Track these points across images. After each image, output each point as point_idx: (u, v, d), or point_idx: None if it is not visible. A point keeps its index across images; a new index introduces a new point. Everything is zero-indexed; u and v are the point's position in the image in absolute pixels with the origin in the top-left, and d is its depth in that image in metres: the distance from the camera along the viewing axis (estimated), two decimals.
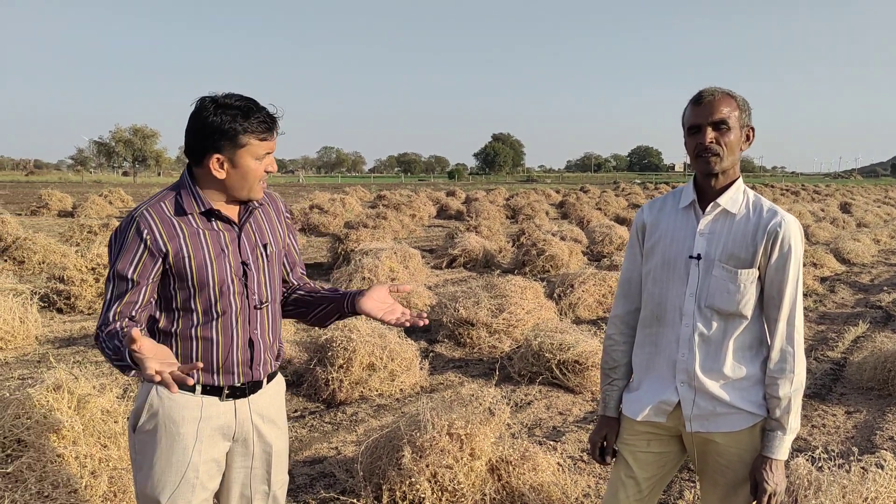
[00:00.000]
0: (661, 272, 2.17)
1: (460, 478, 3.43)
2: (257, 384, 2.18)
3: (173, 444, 2.04)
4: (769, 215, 2.06)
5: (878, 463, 3.28)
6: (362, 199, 31.43)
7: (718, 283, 2.07)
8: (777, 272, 2.04)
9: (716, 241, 2.09)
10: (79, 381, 3.60)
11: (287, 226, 2.32)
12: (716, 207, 2.10)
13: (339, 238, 12.74)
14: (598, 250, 13.92)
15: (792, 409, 2.04)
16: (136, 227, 1.96)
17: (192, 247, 2.01)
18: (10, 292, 6.85)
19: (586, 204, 27.33)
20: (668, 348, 2.15)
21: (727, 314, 2.08)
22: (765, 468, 2.04)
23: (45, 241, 11.15)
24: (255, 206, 2.16)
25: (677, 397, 2.13)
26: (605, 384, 2.36)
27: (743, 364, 2.09)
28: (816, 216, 23.05)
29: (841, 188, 58.76)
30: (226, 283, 2.05)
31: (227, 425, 2.13)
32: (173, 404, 2.05)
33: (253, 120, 1.99)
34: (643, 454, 2.23)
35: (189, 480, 2.06)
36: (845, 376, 6.23)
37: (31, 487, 3.04)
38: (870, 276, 12.24)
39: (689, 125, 2.08)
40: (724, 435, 2.11)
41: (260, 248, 2.15)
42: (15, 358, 6.18)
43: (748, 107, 2.10)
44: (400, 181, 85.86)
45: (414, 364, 5.72)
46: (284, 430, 2.31)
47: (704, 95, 2.05)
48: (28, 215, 21.94)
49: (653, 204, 2.29)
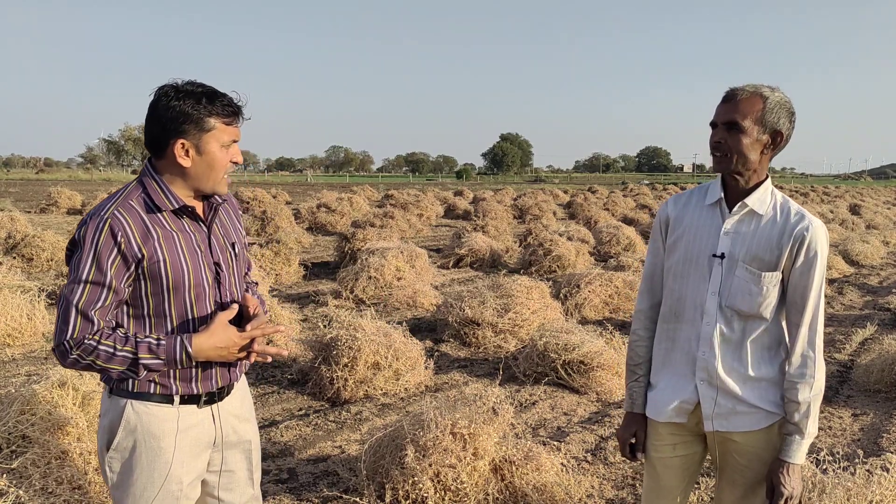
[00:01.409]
0: (683, 268, 2.16)
1: (463, 477, 3.43)
2: (230, 385, 2.14)
3: (155, 459, 1.96)
4: (797, 219, 2.04)
5: (883, 466, 3.26)
6: (370, 198, 31.45)
7: (741, 283, 2.06)
8: (801, 277, 2.03)
9: (741, 241, 2.07)
10: (83, 378, 3.62)
11: (241, 223, 2.28)
12: (743, 207, 2.08)
13: (346, 237, 12.75)
14: (605, 251, 13.88)
15: (811, 414, 2.04)
16: (110, 230, 1.83)
17: (167, 250, 1.92)
18: (17, 289, 6.89)
19: (594, 204, 27.25)
20: (687, 345, 2.16)
21: (747, 315, 2.07)
22: (782, 472, 2.04)
23: (53, 238, 11.20)
24: (219, 202, 2.10)
25: (697, 396, 2.13)
26: (630, 381, 2.36)
27: (762, 364, 2.10)
28: (826, 218, 22.94)
29: (850, 189, 58.40)
30: (201, 285, 1.98)
31: (207, 432, 2.07)
32: (152, 418, 1.96)
33: (218, 104, 1.93)
34: (671, 459, 2.25)
35: (173, 493, 2.00)
36: (852, 378, 6.19)
37: (35, 483, 3.06)
38: (878, 278, 12.17)
39: (711, 121, 2.08)
40: (744, 434, 2.11)
41: (229, 247, 2.11)
42: (22, 354, 6.21)
43: (783, 109, 2.03)
44: (408, 181, 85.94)
45: (419, 363, 5.72)
46: (255, 422, 2.29)
47: (731, 93, 2.03)
48: (38, 213, 22.06)
49: (678, 198, 2.26)
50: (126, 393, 1.95)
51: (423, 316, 8.18)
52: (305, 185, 58.65)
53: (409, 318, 7.95)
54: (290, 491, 3.80)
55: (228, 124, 1.97)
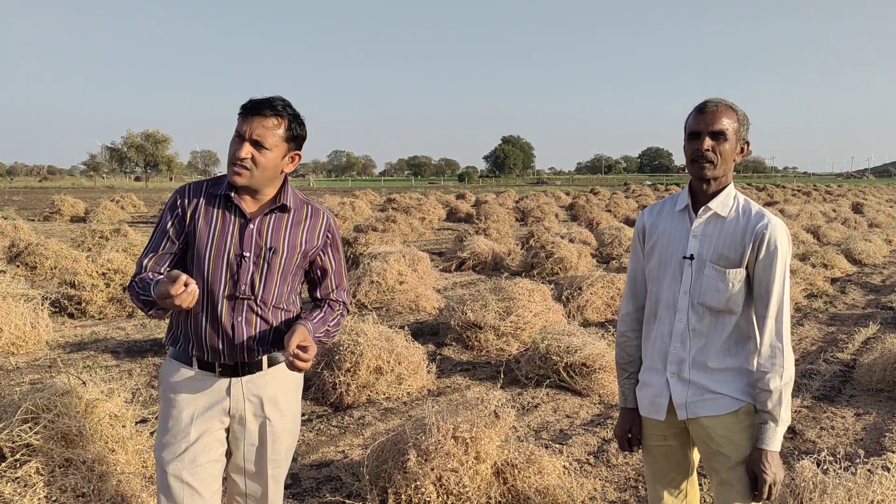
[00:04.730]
0: (658, 271, 2.32)
1: (465, 481, 3.44)
2: (253, 365, 2.27)
3: (170, 409, 2.25)
4: (756, 218, 2.18)
5: (884, 465, 3.26)
6: (372, 202, 31.47)
7: (709, 281, 2.20)
8: (764, 271, 2.15)
9: (707, 242, 2.22)
10: (87, 387, 3.63)
11: (326, 242, 2.38)
12: (707, 211, 2.23)
13: (349, 241, 12.78)
14: (607, 252, 13.88)
15: (784, 402, 2.15)
16: (176, 196, 2.26)
17: (203, 221, 2.21)
18: (21, 297, 6.91)
19: (596, 206, 27.25)
20: (660, 341, 2.31)
21: (717, 310, 2.21)
22: (762, 460, 2.14)
23: (56, 246, 11.24)
24: (276, 207, 2.25)
25: (668, 389, 2.27)
26: (621, 378, 2.50)
27: (729, 356, 2.23)
28: (828, 217, 22.91)
29: (853, 188, 58.30)
30: (219, 265, 2.19)
31: (221, 400, 2.26)
32: (174, 374, 2.27)
33: (248, 100, 2.17)
34: (663, 447, 2.38)
35: (179, 445, 2.20)
36: (855, 378, 6.18)
37: (39, 492, 3.07)
38: (881, 277, 12.15)
39: (689, 131, 2.21)
40: (711, 419, 2.23)
41: (266, 248, 2.22)
42: (26, 363, 6.23)
43: (747, 122, 2.23)
44: (410, 184, 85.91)
45: (421, 367, 5.73)
46: (289, 414, 2.38)
47: (708, 105, 2.18)
48: (41, 221, 22.14)
49: (653, 208, 2.45)
50: (170, 353, 2.34)
51: (425, 320, 8.19)
52: (308, 189, 58.70)
53: (411, 322, 7.96)
54: (293, 496, 3.81)
55: (240, 115, 2.16)
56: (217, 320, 2.21)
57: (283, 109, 2.16)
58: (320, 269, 2.41)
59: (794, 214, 22.43)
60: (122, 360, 6.37)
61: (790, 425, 4.83)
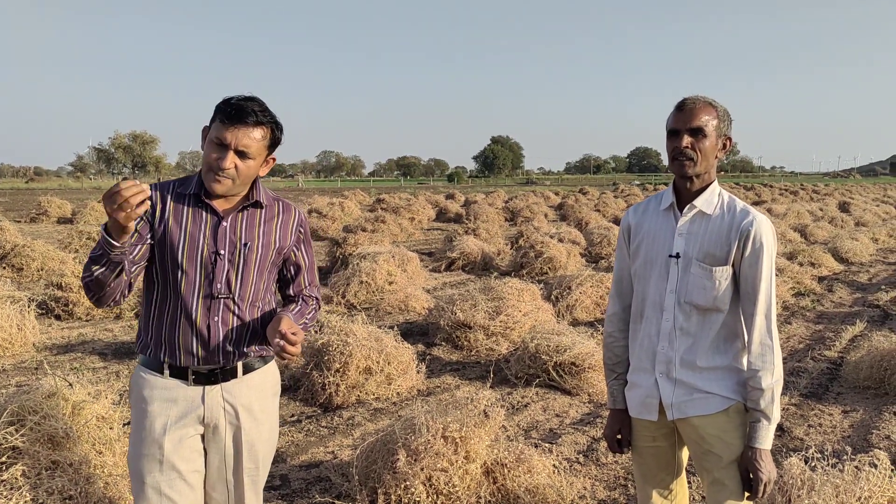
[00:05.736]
0: (644, 270, 2.31)
1: (455, 481, 3.44)
2: (228, 372, 2.24)
3: (142, 419, 2.19)
4: (742, 215, 2.17)
5: (871, 462, 3.28)
6: (361, 202, 31.40)
7: (695, 280, 2.19)
8: (751, 268, 2.15)
9: (693, 240, 2.21)
10: (74, 388, 3.61)
11: (298, 237, 2.37)
12: (692, 209, 2.22)
13: (338, 242, 12.76)
14: (596, 252, 13.91)
15: (775, 399, 2.15)
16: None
17: (173, 220, 2.14)
18: (7, 299, 6.85)
19: (585, 206, 27.29)
20: (648, 341, 2.30)
21: (704, 309, 2.20)
22: (755, 459, 2.14)
23: (43, 248, 11.15)
24: (249, 204, 2.22)
25: (658, 389, 2.26)
26: (610, 380, 2.50)
27: (717, 355, 2.23)
28: (815, 215, 23.05)
29: (840, 187, 58.71)
30: (193, 265, 2.15)
31: (195, 409, 2.20)
32: (145, 383, 2.21)
33: (224, 104, 2.09)
34: (652, 448, 2.38)
35: (154, 456, 2.16)
36: (842, 375, 6.22)
37: (25, 495, 3.04)
38: (868, 275, 12.24)
39: (669, 129, 2.21)
40: (701, 418, 2.22)
41: (241, 244, 2.20)
42: (12, 365, 6.19)
43: (728, 118, 2.22)
44: (399, 185, 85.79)
45: (411, 367, 5.73)
46: (266, 422, 2.35)
47: (687, 103, 2.18)
48: (27, 222, 21.96)
49: (637, 207, 2.43)
50: (139, 361, 2.27)
51: (414, 320, 8.18)
52: (297, 190, 58.54)
53: (400, 323, 7.95)
54: (282, 497, 3.80)
55: (221, 123, 2.08)
56: (192, 322, 2.16)
57: (265, 117, 2.12)
58: (294, 265, 2.39)
59: (781, 213, 22.55)
60: (109, 362, 6.33)
61: (778, 423, 4.86)
